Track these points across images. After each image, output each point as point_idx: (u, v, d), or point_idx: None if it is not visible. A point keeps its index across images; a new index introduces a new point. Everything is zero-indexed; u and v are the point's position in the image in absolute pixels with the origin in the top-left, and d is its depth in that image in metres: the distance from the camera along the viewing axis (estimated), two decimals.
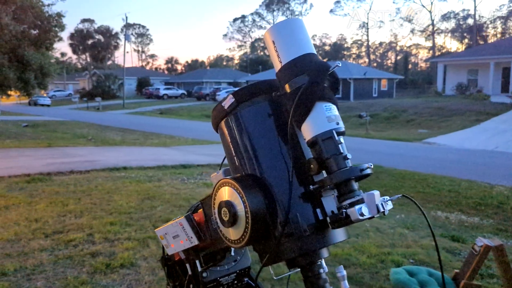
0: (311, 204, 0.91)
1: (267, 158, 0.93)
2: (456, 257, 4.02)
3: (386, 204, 0.87)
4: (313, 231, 0.89)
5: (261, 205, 0.88)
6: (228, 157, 1.02)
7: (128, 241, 4.15)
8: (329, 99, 0.90)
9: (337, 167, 0.86)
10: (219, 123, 1.02)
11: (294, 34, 0.93)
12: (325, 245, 0.91)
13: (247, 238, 0.88)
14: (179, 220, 1.08)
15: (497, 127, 17.76)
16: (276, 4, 75.06)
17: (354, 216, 0.82)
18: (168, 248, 1.14)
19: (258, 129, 0.95)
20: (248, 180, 0.91)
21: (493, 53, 30.94)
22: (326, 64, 0.91)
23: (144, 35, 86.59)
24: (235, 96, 0.97)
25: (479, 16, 64.17)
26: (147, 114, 31.56)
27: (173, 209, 5.41)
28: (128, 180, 7.23)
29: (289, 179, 0.91)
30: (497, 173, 9.63)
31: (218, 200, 0.94)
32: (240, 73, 58.50)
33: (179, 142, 14.65)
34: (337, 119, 0.89)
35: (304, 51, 0.92)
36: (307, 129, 0.88)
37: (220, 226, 0.94)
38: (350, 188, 0.87)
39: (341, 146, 0.88)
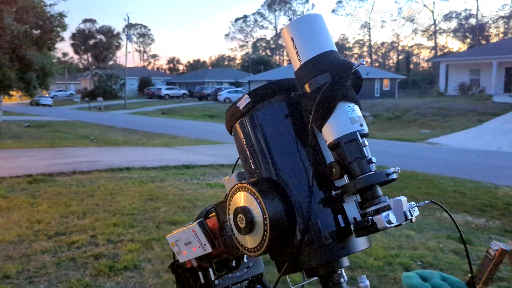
0: (332, 210, 0.86)
1: (285, 161, 0.88)
2: (464, 259, 3.96)
3: (413, 211, 0.82)
4: (335, 239, 0.84)
5: (280, 211, 0.83)
6: (242, 160, 0.97)
7: (132, 243, 4.10)
8: (352, 99, 0.84)
9: (361, 172, 0.81)
10: (234, 125, 0.96)
11: (314, 31, 0.88)
12: (347, 254, 0.86)
13: (265, 246, 0.83)
14: (192, 227, 1.03)
15: (500, 127, 17.68)
16: (278, 4, 75.00)
17: (381, 224, 0.77)
18: (180, 256, 1.09)
19: (276, 130, 0.90)
20: (265, 184, 0.86)
21: (496, 53, 30.84)
22: (349, 62, 0.85)
23: (146, 35, 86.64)
24: (251, 96, 0.92)
25: (481, 15, 64.10)
26: (149, 114, 31.53)
27: (177, 210, 5.36)
28: (131, 180, 7.19)
29: (308, 184, 0.85)
30: (502, 174, 9.57)
31: (233, 206, 0.88)
32: (242, 73, 58.44)
33: (181, 142, 14.61)
34: (360, 120, 0.84)
35: (325, 49, 0.86)
36: (329, 131, 0.83)
37: (235, 234, 0.89)
38: (374, 194, 0.81)
39: (365, 149, 0.82)
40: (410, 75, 58.30)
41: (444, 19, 67.45)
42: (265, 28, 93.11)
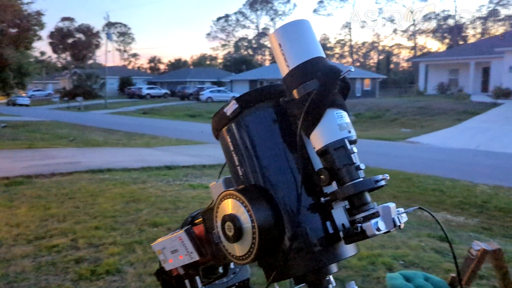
0: (321, 217, 0.85)
1: (273, 168, 0.88)
2: (445, 257, 4.03)
3: (401, 217, 0.83)
4: (323, 246, 0.84)
5: (268, 219, 0.82)
6: (230, 167, 0.96)
7: (114, 246, 4.04)
8: (340, 105, 0.84)
9: (350, 179, 0.81)
10: (220, 130, 0.95)
11: (302, 36, 0.87)
12: (336, 261, 0.87)
13: (254, 254, 0.82)
14: (179, 234, 1.01)
15: (478, 126, 18.07)
16: (259, 4, 75.05)
17: (370, 231, 0.78)
18: (166, 264, 1.07)
19: (264, 136, 0.89)
20: (254, 191, 0.86)
21: (473, 53, 31.54)
22: (338, 68, 0.85)
23: (126, 34, 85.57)
24: (239, 101, 0.91)
25: (459, 16, 65.37)
26: (129, 114, 31.18)
27: (159, 212, 5.31)
28: (112, 182, 7.09)
29: (297, 190, 0.85)
30: (480, 172, 9.77)
31: (221, 214, 0.87)
32: (224, 73, 58.28)
33: (163, 143, 14.48)
34: (349, 126, 0.84)
35: (313, 55, 0.86)
36: (318, 137, 0.83)
37: (223, 242, 0.88)
38: (363, 200, 0.82)
39: (353, 156, 0.82)
40: (390, 74, 59.09)
41: (423, 20, 68.58)
42: (247, 28, 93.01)
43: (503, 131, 16.57)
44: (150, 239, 4.26)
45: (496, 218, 6.22)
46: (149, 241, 4.21)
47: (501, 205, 6.85)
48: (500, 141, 14.76)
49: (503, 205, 6.83)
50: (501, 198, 7.28)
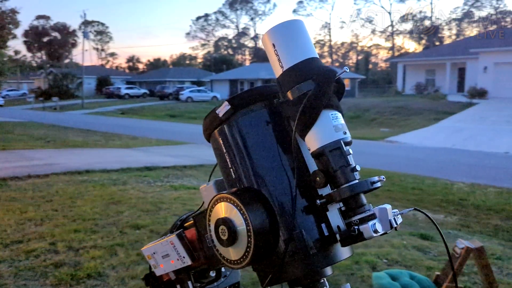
0: (316, 219, 0.84)
1: (267, 170, 0.86)
2: (427, 255, 4.09)
3: (397, 219, 0.83)
4: (319, 249, 0.83)
5: (264, 222, 0.81)
6: (222, 169, 0.94)
7: (94, 249, 3.96)
8: (335, 106, 0.84)
9: (345, 180, 0.80)
10: (212, 132, 0.93)
11: (297, 37, 0.86)
12: (332, 263, 0.86)
13: (249, 258, 0.80)
14: (170, 239, 0.99)
15: (454, 125, 18.47)
16: (239, 3, 74.98)
17: (368, 234, 0.77)
18: (157, 269, 1.04)
19: (257, 138, 0.88)
20: (248, 194, 0.84)
21: (449, 54, 32.24)
22: (333, 69, 0.85)
23: (104, 33, 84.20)
24: (231, 102, 0.89)
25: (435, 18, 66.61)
26: (108, 114, 30.69)
27: (141, 214, 5.23)
28: (91, 184, 6.95)
29: (292, 193, 0.84)
30: (457, 170, 9.99)
31: (214, 217, 0.85)
32: (204, 72, 58.01)
33: (142, 143, 14.30)
34: (344, 128, 0.83)
35: (308, 55, 0.85)
36: (313, 139, 0.82)
37: (217, 246, 0.86)
38: (359, 202, 0.81)
39: (349, 157, 0.81)
40: (369, 75, 59.85)
41: (400, 21, 69.74)
42: (227, 27, 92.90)
43: (478, 131, 16.98)
44: (132, 242, 4.20)
45: (473, 216, 6.35)
46: (131, 244, 4.14)
47: (478, 202, 7.01)
48: (475, 140, 15.12)
49: (480, 203, 6.99)
50: (478, 196, 7.45)
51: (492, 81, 26.93)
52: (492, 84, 26.78)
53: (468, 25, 65.64)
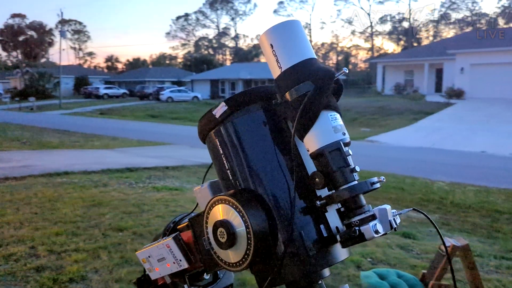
0: (315, 221, 0.84)
1: (264, 171, 0.86)
2: (410, 253, 4.14)
3: (396, 219, 0.83)
4: (318, 250, 0.83)
5: (263, 223, 0.80)
6: (218, 170, 0.92)
7: (77, 252, 3.88)
8: (334, 107, 0.83)
9: (345, 181, 0.80)
10: (208, 133, 0.92)
11: (295, 37, 0.86)
12: (330, 265, 0.86)
13: (249, 260, 0.79)
14: (166, 242, 0.97)
15: (432, 125, 18.81)
16: (220, 3, 74.77)
17: (369, 234, 0.77)
18: (152, 272, 1.02)
19: (254, 139, 0.87)
20: (246, 195, 0.83)
21: (427, 54, 32.85)
22: (332, 70, 0.85)
23: (81, 32, 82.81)
24: (228, 103, 0.88)
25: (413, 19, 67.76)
26: (86, 114, 30.19)
27: (123, 215, 5.15)
28: (71, 186, 6.82)
29: (290, 194, 0.84)
30: (436, 169, 10.17)
31: (212, 220, 0.84)
32: (185, 72, 57.65)
33: (123, 144, 14.10)
34: (343, 129, 0.84)
35: (306, 56, 0.84)
36: (312, 140, 0.81)
37: (215, 248, 0.85)
38: (359, 203, 0.81)
39: (349, 158, 0.81)
40: (349, 75, 60.45)
41: (380, 22, 70.70)
42: (208, 27, 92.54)
43: (456, 130, 17.35)
44: (115, 244, 4.13)
45: (453, 214, 6.48)
46: (114, 246, 4.07)
47: (457, 201, 7.15)
48: (453, 140, 15.44)
49: (459, 201, 7.13)
50: (457, 194, 7.60)
51: (469, 82, 27.56)
52: (468, 84, 27.40)
53: (445, 26, 67.07)
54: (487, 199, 7.25)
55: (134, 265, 3.66)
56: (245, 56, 70.99)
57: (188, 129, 20.02)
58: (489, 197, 7.41)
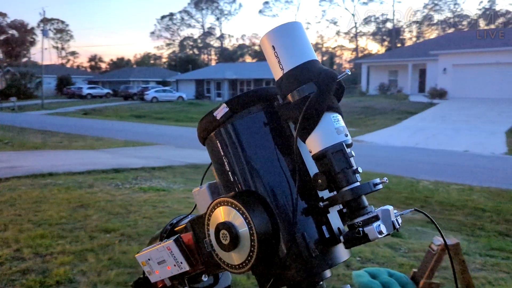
0: (317, 222, 0.85)
1: (267, 172, 0.86)
2: (398, 252, 4.19)
3: (398, 219, 0.84)
4: (321, 251, 0.83)
5: (266, 225, 0.80)
6: (219, 172, 0.92)
7: (63, 255, 3.82)
8: (336, 109, 0.84)
9: (347, 183, 0.80)
10: (209, 135, 0.91)
11: (297, 39, 0.86)
12: (332, 265, 0.86)
13: (252, 262, 0.79)
14: (167, 244, 0.96)
15: (416, 125, 19.06)
16: (205, 3, 74.50)
17: (373, 235, 0.78)
18: (152, 275, 1.01)
19: (255, 140, 0.87)
20: (249, 197, 0.83)
21: (411, 55, 33.27)
22: (334, 72, 0.85)
23: (64, 31, 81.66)
24: (229, 105, 0.88)
25: (397, 20, 68.63)
26: (69, 114, 29.76)
27: (110, 217, 5.10)
28: (56, 187, 6.71)
29: (292, 195, 0.84)
30: (420, 168, 10.30)
31: (214, 222, 0.84)
32: (170, 72, 57.28)
33: (108, 144, 13.94)
34: (345, 130, 0.84)
35: (308, 57, 0.85)
36: (315, 141, 0.82)
37: (217, 251, 0.84)
38: (361, 204, 0.81)
39: (351, 160, 0.82)
40: None
41: (364, 23, 71.34)
42: (193, 27, 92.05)
43: (439, 130, 17.60)
44: (103, 246, 4.08)
45: (438, 212, 6.56)
46: (102, 248, 4.03)
47: (441, 199, 7.25)
48: (437, 139, 15.66)
49: (443, 199, 7.23)
50: (441, 193, 7.71)
51: (451, 82, 28.01)
52: (451, 85, 27.85)
53: (427, 27, 68.01)
54: (470, 198, 7.37)
55: (122, 267, 3.62)
56: (230, 56, 70.93)
57: (173, 129, 19.91)
58: (472, 196, 7.53)
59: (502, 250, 4.53)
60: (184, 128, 20.43)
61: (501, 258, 4.25)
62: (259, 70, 41.51)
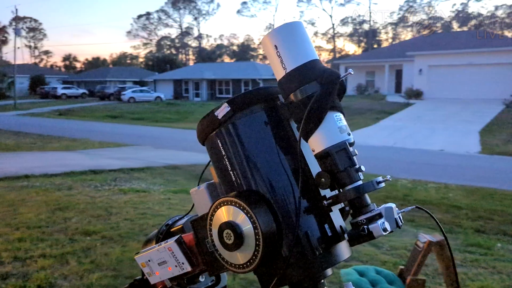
0: (319, 220, 0.85)
1: (268, 172, 0.86)
2: (380, 250, 4.25)
3: (401, 217, 0.86)
4: (323, 249, 0.83)
5: (271, 223, 0.80)
6: (220, 172, 0.91)
7: (43, 258, 3.73)
8: (339, 108, 0.84)
9: (350, 181, 0.81)
10: (210, 135, 0.90)
11: (299, 39, 0.86)
12: (334, 264, 0.86)
13: (257, 261, 0.79)
14: (168, 245, 0.94)
15: (394, 124, 19.38)
16: (182, 3, 73.97)
17: (378, 232, 0.79)
18: (152, 277, 0.99)
19: (257, 140, 0.87)
20: (252, 196, 0.83)
21: (387, 56, 33.83)
22: (337, 71, 0.86)
23: (37, 30, 79.87)
24: (231, 104, 0.88)
25: (373, 21, 69.76)
26: (44, 115, 29.06)
27: (90, 219, 5.00)
28: (33, 189, 6.55)
29: (294, 194, 0.85)
30: (399, 167, 10.50)
31: (217, 222, 0.83)
32: (147, 72, 56.66)
33: (84, 146, 13.68)
34: (347, 129, 0.85)
35: (311, 57, 0.85)
36: (318, 140, 0.82)
37: (220, 251, 0.84)
38: (364, 202, 0.82)
39: (355, 158, 0.83)
40: None
41: (341, 24, 72.22)
42: (170, 27, 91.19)
43: (416, 129, 17.96)
44: (84, 249, 4.01)
45: (416, 210, 6.69)
46: (83, 251, 3.95)
47: (420, 197, 7.40)
48: (414, 138, 15.97)
49: (422, 198, 7.38)
50: (419, 191, 7.87)
51: (427, 83, 28.62)
52: (427, 85, 28.45)
53: (403, 29, 69.31)
54: (447, 196, 7.54)
55: (105, 270, 3.56)
56: (209, 56, 70.63)
57: (151, 130, 19.69)
58: (449, 194, 7.71)
59: (479, 246, 4.65)
60: (162, 129, 20.25)
61: (479, 254, 4.37)
62: (238, 70, 41.50)
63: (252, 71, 40.35)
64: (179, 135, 17.37)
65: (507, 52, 26.83)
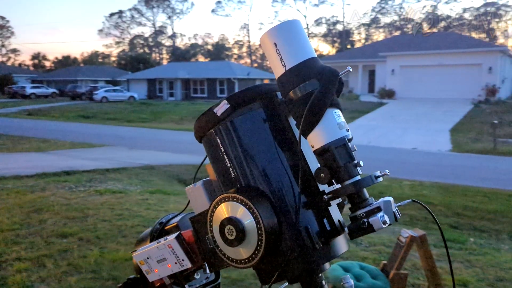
0: (318, 215, 0.86)
1: (267, 168, 0.86)
2: (359, 246, 4.32)
3: (398, 210, 0.88)
4: (322, 244, 0.85)
5: (272, 218, 0.80)
6: (218, 169, 0.91)
7: (19, 262, 3.62)
8: (337, 105, 0.86)
9: (349, 176, 0.83)
10: (208, 132, 0.90)
11: (299, 36, 0.87)
12: (332, 258, 0.88)
13: (260, 255, 0.79)
14: (168, 242, 0.93)
15: (368, 124, 19.69)
16: (156, 1, 73.08)
17: (378, 225, 0.81)
18: (150, 274, 0.98)
19: (256, 136, 0.88)
20: (253, 191, 0.84)
21: (361, 56, 34.39)
22: (335, 69, 0.87)
23: (4, 27, 77.40)
24: (230, 101, 0.88)
25: (347, 22, 70.67)
26: (12, 115, 28.15)
27: (66, 221, 4.89)
28: (4, 191, 6.34)
29: (294, 189, 0.86)
30: (374, 166, 10.56)
31: (218, 218, 0.83)
32: (120, 71, 55.74)
33: (56, 146, 13.32)
34: (346, 126, 0.87)
35: (310, 55, 0.86)
36: (318, 136, 0.83)
37: (221, 246, 0.84)
38: (363, 197, 0.84)
39: (354, 154, 0.84)
40: None
41: (315, 24, 72.91)
42: (143, 25, 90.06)
43: (389, 128, 18.32)
44: (61, 251, 3.91)
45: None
46: (60, 254, 3.86)
47: (395, 195, 7.55)
48: (387, 137, 16.29)
49: (397, 195, 7.51)
50: (394, 189, 8.03)
51: (399, 83, 29.23)
52: (399, 85, 29.06)
53: (375, 30, 70.55)
54: (421, 193, 7.73)
55: (83, 272, 3.49)
56: (183, 55, 70.05)
57: (125, 130, 19.38)
58: (423, 191, 7.91)
59: (454, 241, 4.79)
60: (136, 129, 19.96)
61: (455, 249, 4.50)
62: (213, 70, 41.32)
63: (227, 71, 40.26)
64: (154, 135, 17.15)
65: (474, 53, 27.71)
